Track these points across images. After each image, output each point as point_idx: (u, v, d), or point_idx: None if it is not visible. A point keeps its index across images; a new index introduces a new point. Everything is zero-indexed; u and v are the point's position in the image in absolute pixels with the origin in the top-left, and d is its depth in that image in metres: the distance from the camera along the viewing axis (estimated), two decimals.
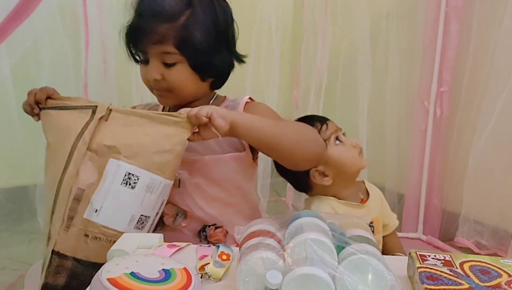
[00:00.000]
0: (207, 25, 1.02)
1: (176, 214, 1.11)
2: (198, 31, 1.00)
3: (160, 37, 1.00)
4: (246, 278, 0.63)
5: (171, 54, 1.01)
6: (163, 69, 1.03)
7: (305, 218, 0.71)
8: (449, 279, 0.67)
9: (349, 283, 0.60)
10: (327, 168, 1.21)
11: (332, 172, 1.21)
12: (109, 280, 0.59)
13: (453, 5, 1.78)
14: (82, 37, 1.61)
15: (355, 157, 1.23)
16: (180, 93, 1.05)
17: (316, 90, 2.07)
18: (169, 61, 1.02)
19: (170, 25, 0.99)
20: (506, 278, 0.68)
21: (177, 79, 1.03)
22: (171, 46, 1.00)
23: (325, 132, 1.23)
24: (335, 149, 1.21)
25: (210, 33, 1.02)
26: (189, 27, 1.00)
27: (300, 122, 1.21)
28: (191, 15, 1.00)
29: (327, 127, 1.23)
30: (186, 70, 1.03)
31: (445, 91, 1.85)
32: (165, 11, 0.99)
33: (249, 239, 0.70)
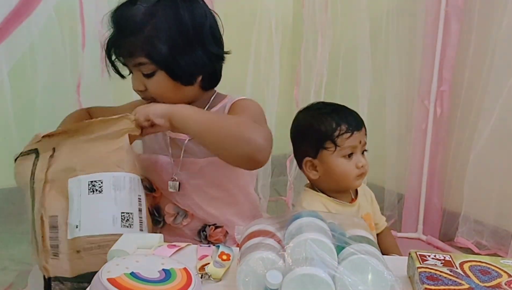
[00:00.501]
0: (171, 31, 1.02)
1: (176, 213, 1.12)
2: (164, 38, 1.01)
3: (130, 51, 1.02)
4: (246, 278, 0.63)
5: (145, 65, 1.02)
6: (144, 79, 1.04)
7: (305, 218, 0.71)
8: (449, 279, 0.67)
9: (349, 283, 0.60)
10: (319, 165, 1.19)
11: (322, 170, 1.19)
12: (109, 280, 0.59)
13: (453, 5, 1.78)
14: (80, 39, 1.61)
15: (349, 176, 1.18)
16: (164, 101, 1.05)
17: (316, 90, 2.07)
18: (146, 72, 1.03)
19: (136, 38, 1.01)
20: (506, 278, 0.68)
21: (157, 88, 1.04)
22: (142, 58, 1.02)
23: (344, 140, 1.16)
24: (336, 158, 1.17)
25: (177, 37, 1.02)
26: (155, 37, 1.00)
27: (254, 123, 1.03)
28: (154, 24, 1.01)
29: (349, 136, 1.16)
30: (165, 78, 1.03)
31: (445, 90, 1.85)
32: (130, 25, 1.01)
33: (249, 239, 0.70)
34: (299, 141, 1.25)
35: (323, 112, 1.21)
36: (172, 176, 1.10)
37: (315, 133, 1.18)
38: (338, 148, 1.16)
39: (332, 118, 1.18)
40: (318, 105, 1.29)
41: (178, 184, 1.09)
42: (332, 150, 1.17)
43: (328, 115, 1.19)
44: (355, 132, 1.18)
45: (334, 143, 1.16)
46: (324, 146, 1.17)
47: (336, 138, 1.16)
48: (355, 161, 1.18)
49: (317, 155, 1.19)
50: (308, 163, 1.21)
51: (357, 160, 1.18)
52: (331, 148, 1.17)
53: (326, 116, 1.19)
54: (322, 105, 1.28)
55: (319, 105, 1.28)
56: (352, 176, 1.19)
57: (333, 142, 1.16)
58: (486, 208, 1.78)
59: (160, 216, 1.13)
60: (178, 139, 1.11)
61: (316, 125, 1.19)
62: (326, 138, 1.17)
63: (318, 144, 1.18)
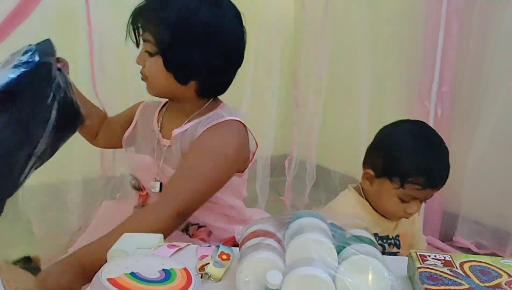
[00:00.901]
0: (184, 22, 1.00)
1: None
2: (173, 26, 1.00)
3: (144, 24, 1.03)
4: (246, 278, 0.63)
5: (150, 43, 1.03)
6: (146, 56, 1.05)
7: (305, 219, 0.71)
8: (449, 279, 0.67)
9: (349, 284, 0.60)
10: (376, 185, 1.13)
11: (375, 190, 1.13)
12: (109, 280, 0.59)
13: (454, 6, 1.78)
14: (80, 39, 1.61)
15: (393, 214, 1.14)
16: (152, 83, 1.07)
17: (316, 90, 2.08)
18: (149, 50, 1.04)
19: (153, 14, 1.02)
20: (506, 278, 0.68)
21: (150, 69, 1.05)
22: (150, 35, 1.03)
23: (412, 189, 1.07)
24: (392, 195, 1.10)
25: (185, 31, 1.01)
26: (165, 20, 1.00)
27: (140, 215, 1.01)
28: (172, 8, 1.00)
29: (419, 190, 1.07)
30: (160, 64, 1.03)
31: (445, 91, 1.85)
32: (151, 3, 1.03)
33: (249, 239, 0.70)
34: (378, 151, 1.15)
35: (417, 147, 1.10)
36: (155, 176, 1.10)
37: (394, 161, 1.10)
38: (401, 190, 1.09)
39: (420, 164, 1.08)
40: (421, 131, 1.16)
41: (159, 184, 1.09)
42: (395, 186, 1.09)
43: (420, 156, 1.08)
44: (429, 189, 1.09)
45: (401, 185, 1.08)
46: (391, 177, 1.09)
47: (406, 182, 1.08)
48: (406, 206, 1.11)
49: (380, 177, 1.12)
50: (368, 175, 1.14)
51: (410, 208, 1.11)
52: (395, 185, 1.09)
53: (416, 156, 1.08)
54: (423, 137, 1.13)
55: (422, 133, 1.15)
56: (395, 215, 1.14)
57: (401, 183, 1.08)
58: (486, 209, 1.78)
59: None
60: (162, 144, 1.11)
61: (402, 156, 1.09)
62: (398, 174, 1.09)
63: (388, 171, 1.10)
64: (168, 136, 1.10)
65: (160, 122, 1.14)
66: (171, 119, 1.12)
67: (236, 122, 1.08)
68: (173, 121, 1.11)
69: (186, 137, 1.07)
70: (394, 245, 1.17)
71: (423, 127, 1.18)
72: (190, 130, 1.07)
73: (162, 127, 1.13)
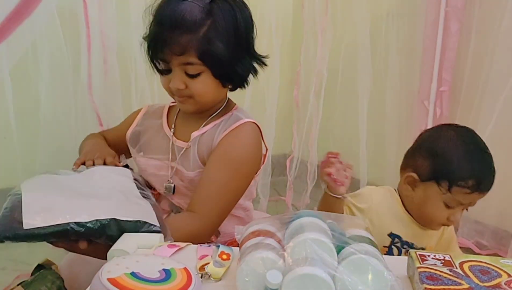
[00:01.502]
0: (229, 33, 1.01)
1: (171, 211, 1.14)
2: (220, 41, 0.99)
3: (182, 49, 0.98)
4: (246, 278, 0.63)
5: (194, 65, 1.00)
6: (187, 78, 1.02)
7: (305, 218, 0.71)
8: (449, 279, 0.67)
9: (349, 283, 0.60)
10: (419, 189, 1.11)
11: (417, 195, 1.11)
12: (109, 280, 0.59)
13: (453, 5, 1.78)
14: (81, 38, 1.61)
15: (435, 221, 1.11)
16: (202, 100, 1.06)
17: (316, 90, 2.08)
18: (192, 72, 1.01)
19: (192, 36, 0.98)
20: (506, 278, 0.68)
21: (200, 88, 1.03)
22: (193, 57, 0.99)
23: (460, 193, 1.06)
24: (438, 200, 1.08)
25: (232, 41, 1.01)
26: (211, 38, 0.99)
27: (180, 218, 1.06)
28: (212, 24, 0.99)
29: (468, 194, 1.06)
30: (209, 79, 1.03)
31: (445, 91, 1.85)
32: (186, 22, 0.97)
33: (249, 239, 0.70)
34: (423, 155, 1.12)
35: (470, 152, 1.08)
36: (168, 178, 1.11)
37: (443, 165, 1.07)
38: (448, 195, 1.07)
39: (469, 166, 1.06)
40: (470, 136, 1.14)
41: (173, 187, 1.10)
42: (442, 192, 1.07)
43: (472, 160, 1.07)
44: (476, 193, 1.08)
45: (449, 189, 1.06)
46: (439, 182, 1.07)
47: (455, 186, 1.06)
48: (451, 213, 1.09)
49: (426, 181, 1.09)
50: (410, 178, 1.12)
51: (454, 215, 1.09)
52: (443, 189, 1.07)
53: (470, 160, 1.07)
54: (474, 143, 1.12)
55: (472, 139, 1.13)
56: (437, 222, 1.12)
57: (450, 187, 1.06)
58: (486, 209, 1.78)
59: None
60: (177, 146, 1.11)
61: (450, 159, 1.07)
62: (447, 179, 1.06)
63: (436, 175, 1.08)
64: (184, 139, 1.10)
65: (173, 125, 1.14)
66: (186, 122, 1.13)
67: (252, 124, 1.10)
68: (189, 124, 1.11)
69: (204, 140, 1.08)
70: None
71: (469, 132, 1.16)
72: (209, 133, 1.08)
73: (176, 130, 1.13)
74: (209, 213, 1.03)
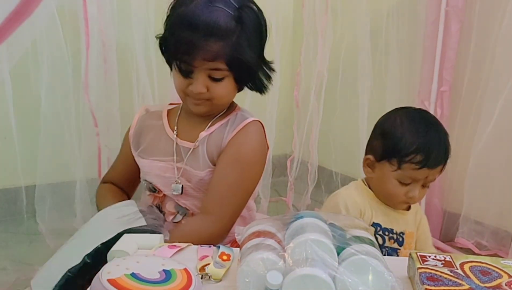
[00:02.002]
0: (256, 40, 1.04)
1: (177, 212, 1.14)
2: (248, 48, 1.02)
3: (213, 55, 0.99)
4: (247, 279, 0.63)
5: (220, 71, 1.02)
6: (209, 82, 1.04)
7: (306, 219, 0.71)
8: (450, 280, 0.67)
9: (349, 284, 0.60)
10: (377, 170, 1.13)
11: (376, 175, 1.14)
12: (109, 281, 0.59)
13: (454, 5, 1.78)
14: (82, 38, 1.61)
15: (394, 198, 1.13)
16: (220, 102, 1.08)
17: (317, 90, 2.07)
18: (217, 76, 1.03)
19: (224, 43, 0.99)
20: (506, 279, 0.68)
21: (220, 92, 1.05)
22: (222, 64, 1.01)
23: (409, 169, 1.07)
24: (391, 177, 1.10)
25: (258, 48, 1.05)
26: (241, 45, 1.00)
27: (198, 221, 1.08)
28: (242, 32, 1.01)
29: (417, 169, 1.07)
30: (231, 84, 1.06)
31: (445, 91, 1.85)
32: (220, 29, 0.98)
33: (249, 239, 0.70)
34: (377, 136, 1.16)
35: (415, 128, 1.10)
36: (175, 179, 1.11)
37: (391, 142, 1.10)
38: (399, 171, 1.09)
39: (415, 141, 1.08)
40: (420, 114, 1.17)
41: (181, 187, 1.10)
42: (393, 168, 1.10)
43: (416, 134, 1.09)
44: (426, 168, 1.08)
45: (399, 165, 1.09)
46: (389, 159, 1.10)
47: (403, 162, 1.08)
48: (407, 189, 1.11)
49: (380, 161, 1.12)
50: (369, 161, 1.15)
51: (410, 190, 1.11)
52: (394, 166, 1.09)
53: (414, 135, 1.09)
54: (421, 119, 1.14)
55: (420, 116, 1.16)
56: (396, 199, 1.13)
57: (399, 163, 1.08)
58: (486, 209, 1.78)
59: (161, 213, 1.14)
60: (183, 147, 1.12)
61: (397, 136, 1.10)
62: (395, 155, 1.09)
63: (386, 153, 1.11)
64: (189, 139, 1.11)
65: (176, 126, 1.14)
66: (190, 123, 1.13)
67: (258, 123, 1.13)
68: (193, 125, 1.12)
69: (212, 140, 1.10)
70: (395, 240, 1.16)
71: (420, 111, 1.20)
72: (217, 133, 1.10)
73: (180, 131, 1.14)
74: (224, 214, 1.06)
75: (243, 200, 1.10)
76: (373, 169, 1.15)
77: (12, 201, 1.83)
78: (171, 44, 1.04)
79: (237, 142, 1.08)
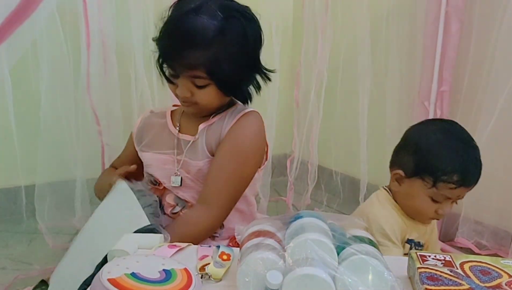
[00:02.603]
0: (237, 54, 1.05)
1: (176, 204, 1.16)
2: (228, 61, 1.03)
3: (191, 64, 1.03)
4: (247, 279, 0.63)
5: (201, 79, 1.05)
6: (193, 87, 1.07)
7: (306, 219, 0.71)
8: (449, 280, 0.67)
9: (349, 284, 0.60)
10: (406, 185, 1.11)
11: (404, 190, 1.11)
12: (109, 280, 0.59)
13: (454, 5, 1.77)
14: (82, 38, 1.61)
15: (424, 215, 1.11)
16: (206, 107, 1.11)
17: (317, 90, 2.07)
18: (199, 84, 1.06)
19: (202, 53, 1.01)
20: (506, 279, 0.68)
21: (205, 98, 1.08)
22: (202, 72, 1.03)
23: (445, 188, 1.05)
24: (424, 195, 1.08)
25: (240, 61, 1.06)
26: (220, 56, 1.02)
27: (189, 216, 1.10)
28: (222, 45, 1.02)
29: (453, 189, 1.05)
30: (215, 91, 1.08)
31: (445, 91, 1.85)
32: (197, 39, 1.01)
33: (249, 239, 0.70)
34: (409, 151, 1.12)
35: (452, 146, 1.08)
36: (175, 171, 1.14)
37: (425, 161, 1.08)
38: (434, 189, 1.07)
39: (453, 161, 1.05)
40: (454, 129, 1.14)
41: (180, 179, 1.13)
42: (427, 186, 1.07)
43: (454, 153, 1.06)
44: (462, 187, 1.06)
45: (434, 184, 1.06)
46: (423, 177, 1.07)
47: (439, 181, 1.06)
48: (438, 207, 1.09)
49: (411, 177, 1.10)
50: (398, 175, 1.12)
51: (441, 208, 1.09)
52: (428, 184, 1.07)
53: (451, 154, 1.06)
54: (457, 136, 1.11)
55: (455, 131, 1.13)
56: (426, 216, 1.12)
57: (434, 182, 1.06)
58: (486, 209, 1.78)
59: (160, 205, 1.16)
60: (183, 140, 1.15)
61: (433, 154, 1.07)
62: (430, 174, 1.06)
63: (420, 170, 1.08)
64: (190, 133, 1.14)
65: (178, 123, 1.18)
66: (191, 119, 1.16)
67: (256, 113, 1.16)
68: (194, 120, 1.16)
69: (211, 131, 1.12)
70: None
71: (454, 125, 1.16)
72: (216, 124, 1.13)
73: (182, 127, 1.17)
74: (221, 203, 1.08)
75: (239, 189, 1.12)
76: (401, 184, 1.12)
77: (12, 200, 1.83)
78: (159, 49, 1.08)
79: (234, 132, 1.11)
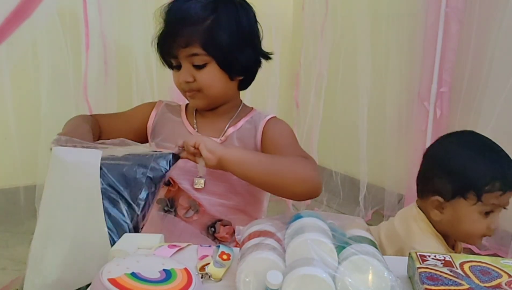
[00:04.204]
0: (231, 26, 1.07)
1: (189, 207, 1.14)
2: (222, 32, 1.05)
3: (187, 40, 1.04)
4: (247, 278, 0.63)
5: (199, 56, 1.05)
6: (194, 71, 1.07)
7: (305, 219, 0.71)
8: (449, 280, 0.67)
9: (349, 284, 0.60)
10: (448, 210, 1.04)
11: (448, 216, 1.05)
12: (109, 280, 0.59)
13: (453, 6, 1.78)
14: (82, 39, 1.61)
15: (476, 235, 1.04)
16: (210, 92, 1.10)
17: (316, 90, 2.08)
18: (198, 63, 1.06)
19: (196, 28, 1.04)
20: (506, 279, 0.68)
21: (207, 79, 1.08)
22: (198, 48, 1.04)
23: (492, 198, 1.00)
24: (472, 213, 1.02)
25: (234, 33, 1.07)
26: (214, 29, 1.04)
27: (301, 159, 1.04)
28: (215, 19, 1.05)
29: (500, 195, 1.00)
30: (215, 70, 1.07)
31: (445, 92, 1.85)
32: (191, 16, 1.04)
33: (249, 239, 0.70)
34: (436, 173, 1.07)
35: (483, 156, 1.03)
36: (197, 174, 1.12)
37: (464, 178, 1.02)
38: (480, 203, 1.00)
39: (490, 170, 1.01)
40: (477, 139, 1.09)
41: (204, 181, 1.12)
42: (472, 202, 1.01)
43: (487, 162, 1.02)
44: (509, 192, 1.01)
45: (479, 198, 1.00)
46: (465, 195, 1.02)
47: (483, 192, 1.00)
48: (490, 221, 1.03)
49: (451, 199, 1.03)
50: (437, 202, 1.05)
51: (493, 220, 1.03)
52: (472, 200, 1.01)
53: (485, 164, 1.01)
54: (482, 145, 1.07)
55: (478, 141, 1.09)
56: (478, 235, 1.05)
57: (478, 197, 1.00)
58: None
59: (172, 207, 1.15)
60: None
61: (469, 170, 1.02)
62: (471, 189, 1.01)
63: (459, 189, 1.02)
64: (212, 134, 1.12)
65: (195, 123, 1.17)
66: (209, 119, 1.16)
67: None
68: (212, 120, 1.15)
69: (242, 133, 1.13)
70: None
71: (470, 135, 1.13)
72: (245, 127, 1.14)
73: (199, 126, 1.16)
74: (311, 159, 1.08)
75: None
76: (442, 211, 1.06)
77: (12, 201, 1.83)
78: (158, 41, 1.10)
79: (272, 126, 1.13)
